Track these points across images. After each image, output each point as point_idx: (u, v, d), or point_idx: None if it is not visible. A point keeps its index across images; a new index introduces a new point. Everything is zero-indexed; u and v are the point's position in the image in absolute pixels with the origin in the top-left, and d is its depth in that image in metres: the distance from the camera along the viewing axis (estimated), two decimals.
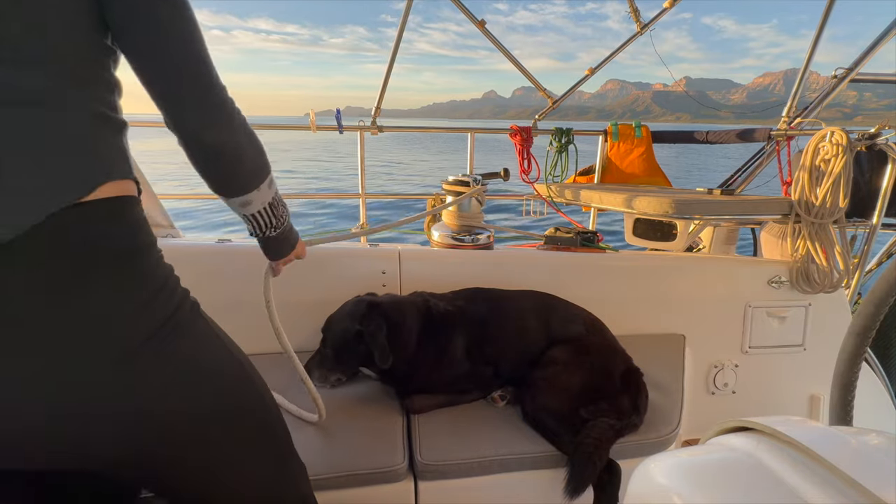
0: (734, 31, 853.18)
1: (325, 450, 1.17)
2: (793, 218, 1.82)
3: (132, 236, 0.65)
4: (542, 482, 1.21)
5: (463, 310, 1.44)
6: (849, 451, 0.37)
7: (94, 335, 0.60)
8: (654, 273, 1.87)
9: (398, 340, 1.33)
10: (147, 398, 0.64)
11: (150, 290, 0.65)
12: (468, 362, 1.39)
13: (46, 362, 0.57)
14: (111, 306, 0.61)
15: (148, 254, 0.67)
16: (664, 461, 0.44)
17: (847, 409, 0.60)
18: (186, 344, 0.69)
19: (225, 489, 0.76)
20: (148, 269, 0.66)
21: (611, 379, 1.33)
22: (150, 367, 0.64)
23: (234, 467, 0.77)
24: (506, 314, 1.47)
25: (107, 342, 0.60)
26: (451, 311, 1.43)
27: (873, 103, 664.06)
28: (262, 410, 0.81)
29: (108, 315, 0.61)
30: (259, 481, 0.80)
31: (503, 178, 2.13)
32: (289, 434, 0.88)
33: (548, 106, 2.67)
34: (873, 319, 0.59)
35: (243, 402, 0.77)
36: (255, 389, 0.80)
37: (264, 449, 0.81)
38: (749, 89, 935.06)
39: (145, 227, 0.68)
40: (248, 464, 0.78)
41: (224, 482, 0.76)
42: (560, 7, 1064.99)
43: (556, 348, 1.40)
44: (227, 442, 0.75)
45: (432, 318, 1.40)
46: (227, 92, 0.71)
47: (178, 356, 0.67)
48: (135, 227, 0.66)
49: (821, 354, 1.92)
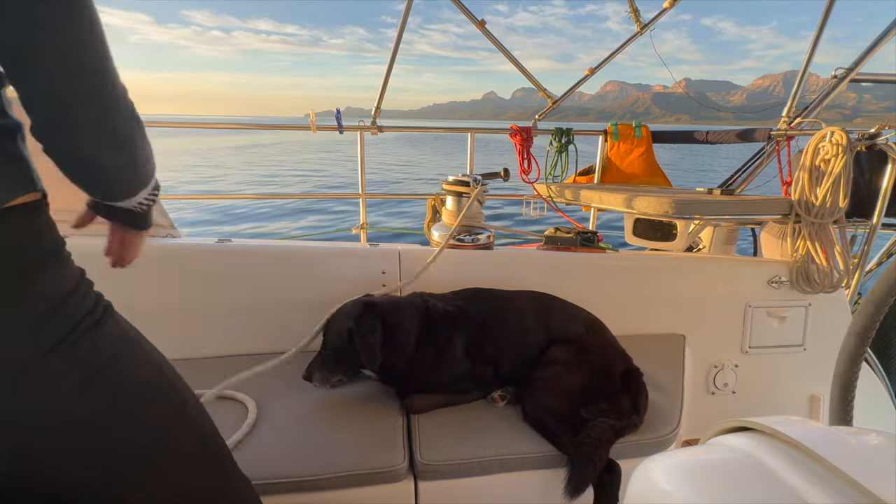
0: (734, 33, 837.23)
1: (325, 450, 1.17)
2: (793, 218, 1.82)
3: (34, 247, 0.61)
4: (542, 482, 1.21)
5: (462, 310, 1.44)
6: (849, 451, 0.37)
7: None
8: (654, 273, 1.87)
9: (395, 341, 1.33)
10: (50, 409, 0.60)
11: (55, 297, 0.61)
12: (468, 362, 1.39)
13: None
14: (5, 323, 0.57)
15: (54, 260, 0.63)
16: (664, 461, 0.44)
17: (847, 409, 0.60)
18: (98, 347, 0.64)
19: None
20: (54, 276, 0.62)
21: (611, 379, 1.33)
22: (55, 375, 0.60)
23: (165, 488, 0.69)
24: (505, 314, 1.47)
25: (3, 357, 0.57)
26: (451, 311, 1.43)
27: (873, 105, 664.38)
28: (190, 422, 0.74)
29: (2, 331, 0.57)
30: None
31: (503, 178, 2.13)
32: (229, 451, 0.80)
33: (548, 106, 2.67)
34: (873, 319, 0.59)
35: (168, 413, 0.70)
36: (179, 397, 0.73)
37: (200, 465, 0.73)
38: (749, 91, 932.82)
39: (48, 234, 0.63)
40: (181, 484, 0.70)
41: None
42: (560, 9, 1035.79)
43: (556, 348, 1.40)
44: (150, 456, 0.67)
45: (431, 319, 1.39)
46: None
47: (88, 360, 0.63)
48: (37, 236, 0.61)
49: (821, 354, 1.92)
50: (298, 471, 1.10)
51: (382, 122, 2.39)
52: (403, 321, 1.37)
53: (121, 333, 0.69)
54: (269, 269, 1.66)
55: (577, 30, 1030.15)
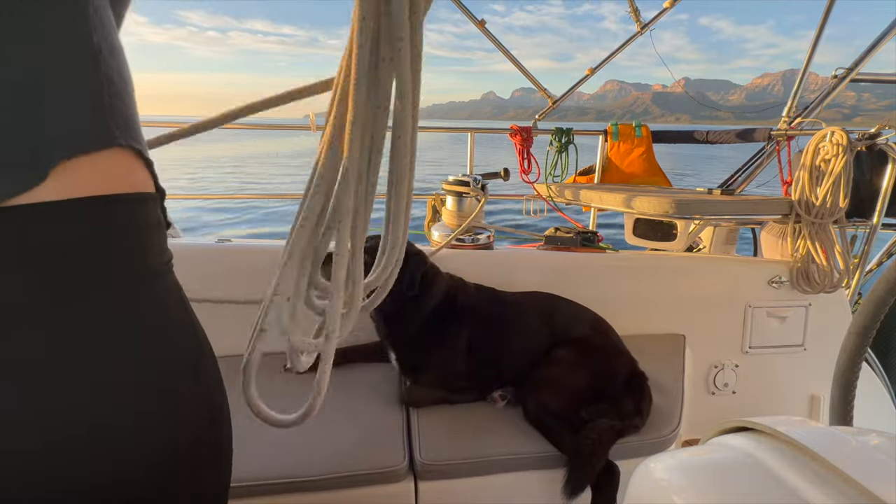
0: (731, 32, 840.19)
1: (325, 450, 1.17)
2: (793, 218, 1.82)
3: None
4: (542, 482, 1.21)
5: (480, 305, 1.47)
6: (849, 451, 0.37)
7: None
8: (654, 273, 1.87)
9: (426, 291, 1.41)
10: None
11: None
12: (471, 358, 1.40)
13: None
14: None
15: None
16: (664, 461, 0.44)
17: (847, 409, 0.60)
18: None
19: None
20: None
21: (613, 380, 1.33)
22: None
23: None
24: (513, 317, 1.48)
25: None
26: (471, 302, 1.47)
27: (872, 104, 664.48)
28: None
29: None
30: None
31: (503, 178, 2.13)
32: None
33: (548, 106, 2.67)
34: (874, 319, 0.59)
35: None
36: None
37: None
38: (748, 90, 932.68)
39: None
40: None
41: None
42: (557, 8, 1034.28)
43: (559, 348, 1.40)
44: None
45: (455, 298, 1.45)
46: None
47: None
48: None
49: (821, 354, 1.92)
50: (298, 471, 1.10)
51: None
52: (438, 282, 1.45)
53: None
54: (269, 269, 1.65)
55: (573, 29, 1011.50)
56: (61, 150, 0.41)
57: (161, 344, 0.49)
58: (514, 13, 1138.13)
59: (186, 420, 0.51)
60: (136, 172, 0.48)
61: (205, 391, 0.55)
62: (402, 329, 1.42)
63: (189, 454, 0.51)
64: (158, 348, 0.49)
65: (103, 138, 0.44)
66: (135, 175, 0.48)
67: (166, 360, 0.50)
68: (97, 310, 0.44)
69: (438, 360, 1.40)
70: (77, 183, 0.42)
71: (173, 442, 0.49)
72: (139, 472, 0.46)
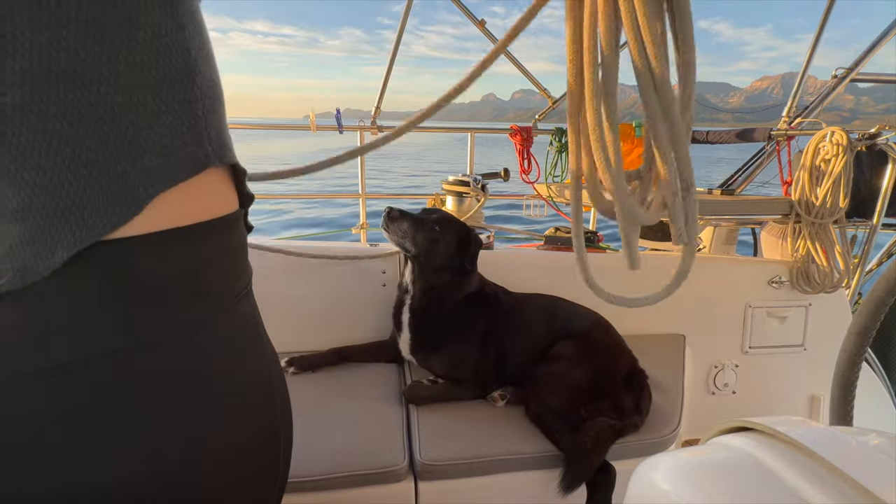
0: (730, 35, 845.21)
1: (325, 450, 1.17)
2: (793, 218, 1.82)
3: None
4: (542, 482, 1.21)
5: (497, 302, 1.51)
6: (849, 451, 0.37)
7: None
8: (654, 273, 1.87)
9: (469, 278, 1.47)
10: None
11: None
12: (481, 351, 1.43)
13: None
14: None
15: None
16: (664, 461, 0.44)
17: (847, 409, 0.60)
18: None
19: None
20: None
21: (614, 378, 1.34)
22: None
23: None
24: (520, 317, 1.50)
25: None
26: (493, 299, 1.51)
27: (871, 107, 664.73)
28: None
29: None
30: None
31: (503, 178, 2.13)
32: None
33: (548, 106, 2.67)
34: (874, 319, 0.59)
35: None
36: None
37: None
38: (747, 93, 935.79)
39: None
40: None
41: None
42: (557, 10, 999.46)
43: (560, 345, 1.41)
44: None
45: (484, 290, 1.51)
46: None
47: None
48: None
49: (821, 354, 1.92)
50: (298, 471, 1.10)
51: (382, 123, 2.39)
52: (477, 271, 1.52)
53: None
54: (269, 269, 1.66)
55: None
56: (159, 183, 0.38)
57: (239, 372, 0.48)
58: (514, 14, 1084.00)
59: (263, 432, 0.52)
60: (224, 192, 0.46)
61: (279, 410, 0.55)
62: (437, 304, 1.44)
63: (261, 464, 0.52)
64: (236, 375, 0.48)
65: (199, 162, 0.42)
66: (222, 195, 0.46)
67: (243, 383, 0.49)
68: (182, 354, 0.42)
69: (455, 346, 1.43)
70: (170, 215, 0.40)
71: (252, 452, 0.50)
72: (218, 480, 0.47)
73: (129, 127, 0.37)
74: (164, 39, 0.38)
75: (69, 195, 0.35)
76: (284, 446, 0.56)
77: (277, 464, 0.54)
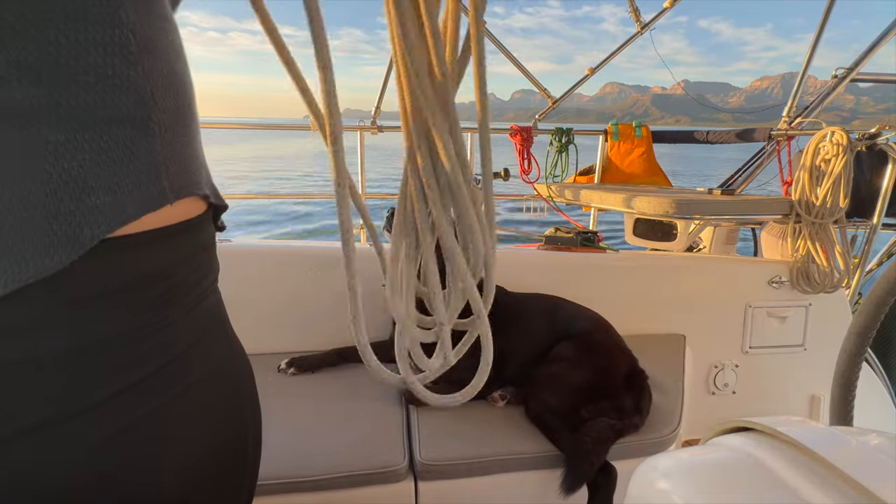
0: (730, 35, 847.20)
1: (324, 450, 1.17)
2: (793, 218, 1.82)
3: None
4: (543, 482, 1.21)
5: (498, 302, 1.49)
6: (849, 451, 0.37)
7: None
8: (654, 273, 1.87)
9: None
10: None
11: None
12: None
13: None
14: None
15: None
16: (664, 461, 0.44)
17: (847, 409, 0.60)
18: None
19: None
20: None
21: (614, 378, 1.34)
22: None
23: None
24: (520, 318, 1.49)
25: None
26: (497, 299, 1.49)
27: (871, 107, 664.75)
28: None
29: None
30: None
31: (503, 178, 2.13)
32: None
33: (548, 106, 2.67)
34: (874, 319, 0.59)
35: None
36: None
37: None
38: (747, 93, 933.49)
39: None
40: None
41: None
42: (556, 10, 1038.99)
43: (560, 346, 1.41)
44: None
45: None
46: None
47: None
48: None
49: (821, 354, 1.92)
50: (298, 471, 1.10)
51: (382, 123, 2.39)
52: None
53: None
54: (269, 269, 1.66)
55: (573, 31, 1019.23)
56: (105, 224, 0.36)
57: (205, 370, 0.48)
58: (514, 15, 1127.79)
59: (230, 433, 0.51)
60: (187, 208, 0.44)
61: (248, 410, 0.54)
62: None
63: (231, 459, 0.52)
64: (204, 378, 0.47)
65: (152, 200, 0.40)
66: (183, 208, 0.44)
67: (211, 383, 0.48)
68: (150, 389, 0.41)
69: (455, 345, 1.42)
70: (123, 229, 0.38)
71: (217, 450, 0.49)
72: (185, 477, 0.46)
73: (73, 166, 0.35)
74: (111, 80, 0.36)
75: (10, 237, 0.33)
76: (253, 447, 0.55)
77: (245, 464, 0.54)
